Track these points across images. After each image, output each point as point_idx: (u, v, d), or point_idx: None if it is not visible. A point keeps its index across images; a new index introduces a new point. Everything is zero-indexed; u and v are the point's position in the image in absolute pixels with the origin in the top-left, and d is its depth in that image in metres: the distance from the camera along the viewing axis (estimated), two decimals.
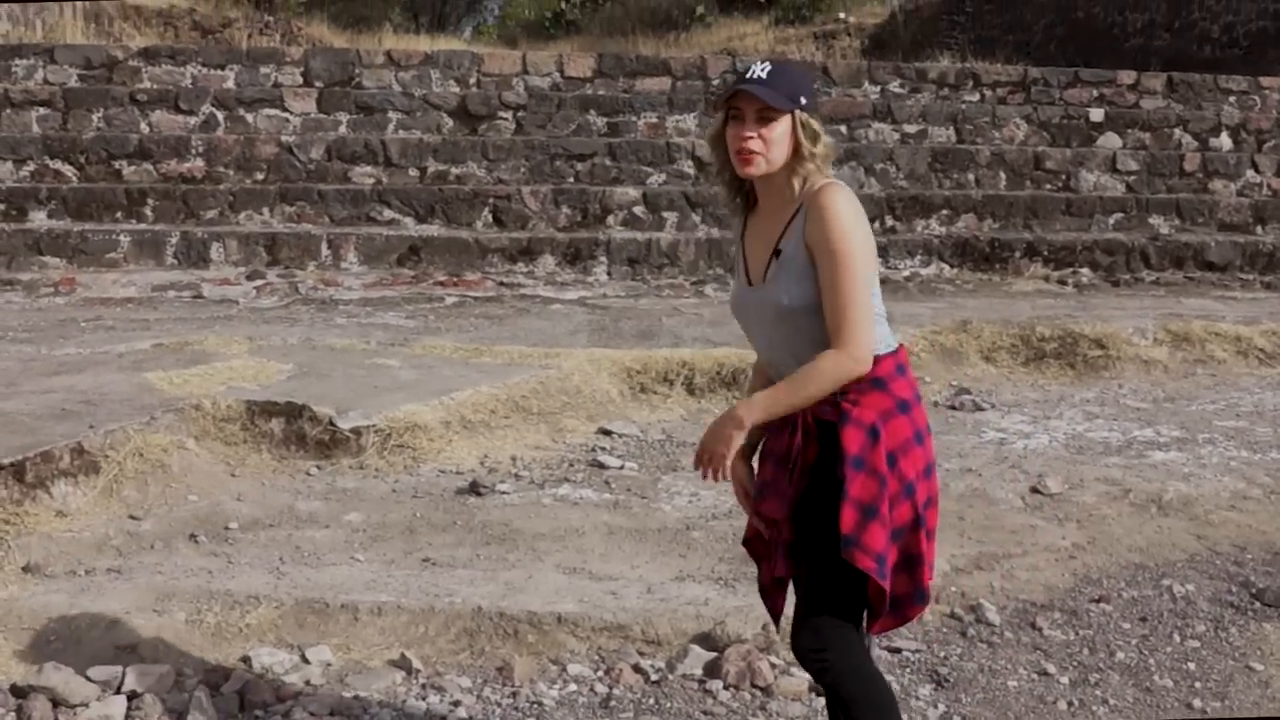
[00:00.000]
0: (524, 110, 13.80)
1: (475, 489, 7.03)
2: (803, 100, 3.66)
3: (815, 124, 3.69)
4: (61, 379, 8.28)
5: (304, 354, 9.00)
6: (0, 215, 12.33)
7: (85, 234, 11.97)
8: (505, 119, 13.73)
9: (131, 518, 6.52)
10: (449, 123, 13.62)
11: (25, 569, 6.09)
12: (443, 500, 6.94)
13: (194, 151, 12.97)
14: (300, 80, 13.80)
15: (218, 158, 12.96)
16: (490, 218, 12.76)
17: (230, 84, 13.76)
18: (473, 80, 14.04)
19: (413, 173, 13.09)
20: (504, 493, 7.01)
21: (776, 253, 3.68)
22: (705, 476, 3.70)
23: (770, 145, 3.63)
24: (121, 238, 12.00)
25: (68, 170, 12.80)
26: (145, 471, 6.91)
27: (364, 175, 13.05)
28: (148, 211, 12.49)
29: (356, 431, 7.47)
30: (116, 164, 12.84)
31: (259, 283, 11.64)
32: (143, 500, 6.71)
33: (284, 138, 13.18)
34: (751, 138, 3.62)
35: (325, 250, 12.11)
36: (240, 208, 12.58)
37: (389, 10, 42.22)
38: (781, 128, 3.65)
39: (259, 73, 13.88)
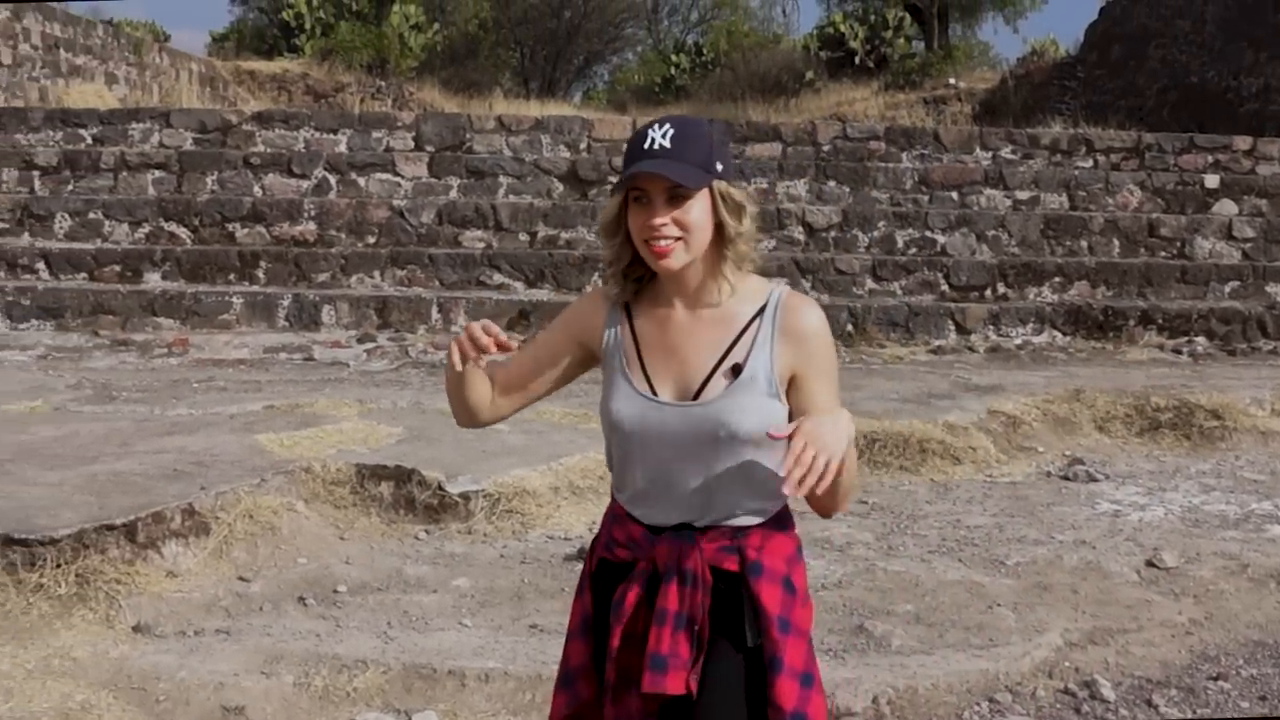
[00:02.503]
0: None
1: (582, 555, 7.03)
2: (719, 167, 3.00)
3: (738, 195, 3.02)
4: (174, 439, 8.39)
5: (414, 418, 9.06)
6: (116, 276, 12.58)
7: (199, 295, 12.19)
8: (613, 184, 13.80)
9: (241, 579, 6.58)
10: (559, 187, 13.74)
11: (136, 628, 6.16)
12: (550, 566, 6.94)
13: (306, 215, 13.17)
14: (412, 145, 13.98)
15: (330, 221, 13.14)
16: (599, 283, 12.78)
17: (343, 148, 13.97)
18: (583, 145, 14.16)
19: (523, 237, 13.20)
20: None
21: (735, 369, 3.02)
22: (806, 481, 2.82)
23: (690, 230, 2.96)
24: (234, 299, 12.20)
25: (182, 232, 13.05)
26: (255, 533, 6.98)
27: (474, 239, 13.18)
28: (260, 274, 12.70)
29: (465, 496, 7.50)
30: (230, 226, 13.08)
31: (369, 345, 11.75)
32: (252, 562, 6.77)
33: (395, 201, 13.35)
34: (664, 224, 2.95)
35: (435, 314, 12.23)
36: (352, 271, 12.74)
37: (499, 75, 42.82)
38: (699, 207, 2.97)
39: (371, 137, 14.09)
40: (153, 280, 12.56)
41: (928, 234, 14.29)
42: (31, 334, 12.14)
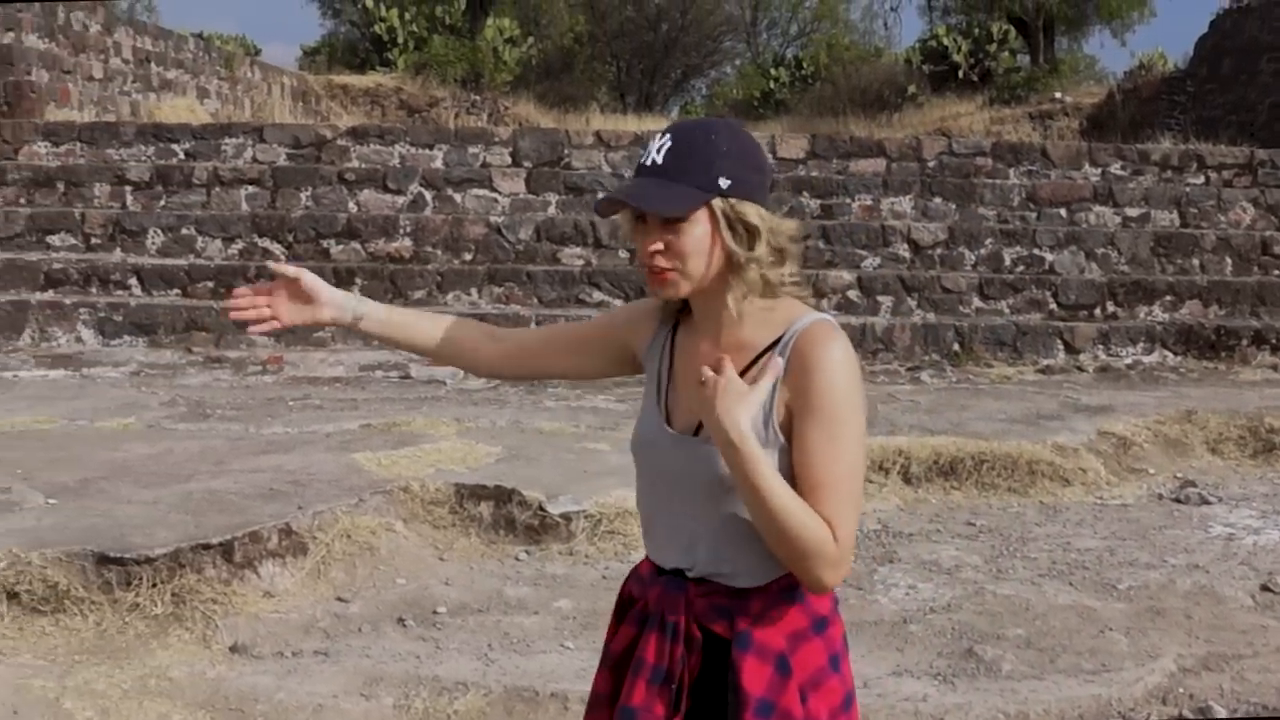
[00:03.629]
0: None
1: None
2: (723, 183, 2.66)
3: (751, 213, 2.68)
4: (270, 458, 8.49)
5: (513, 437, 9.12)
6: (209, 293, 12.75)
7: None
8: None
9: (339, 600, 6.64)
10: None
11: (233, 649, 6.23)
12: None
13: (402, 231, 13.29)
14: (509, 160, 14.08)
15: (425, 237, 13.25)
16: None
17: (438, 164, 14.09)
18: None
19: (622, 254, 13.23)
20: None
21: None
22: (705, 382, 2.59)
23: (685, 258, 2.68)
24: None
25: (276, 248, 13.20)
26: (353, 553, 7.04)
27: (573, 256, 13.24)
28: (355, 291, 12.80)
29: (566, 517, 7.52)
30: (324, 243, 13.23)
31: None
32: (350, 582, 6.83)
33: (492, 218, 13.44)
34: (657, 250, 2.69)
35: None
36: (448, 288, 12.83)
37: (595, 90, 43.00)
38: (698, 231, 2.67)
39: (467, 152, 14.20)
40: None
41: (1035, 252, 14.19)
42: (124, 350, 12.33)
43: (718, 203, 2.65)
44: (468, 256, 13.23)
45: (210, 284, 12.83)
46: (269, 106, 23.58)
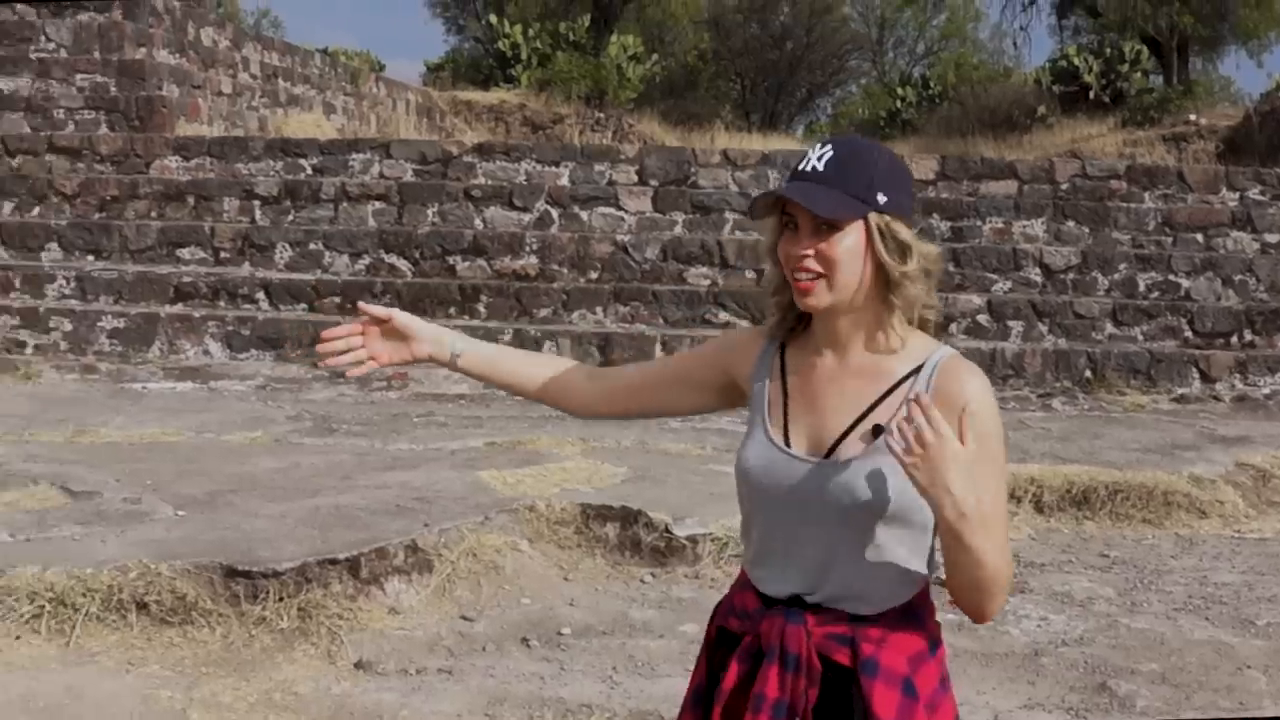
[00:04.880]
0: None
1: None
2: (880, 199, 2.69)
3: (904, 231, 2.71)
4: (395, 474, 8.57)
5: (638, 457, 9.14)
6: (336, 308, 12.92)
7: None
8: None
9: (464, 618, 6.68)
10: None
11: (357, 665, 6.28)
12: None
13: (528, 248, 13.38)
14: (635, 178, 14.14)
15: (552, 255, 13.33)
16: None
17: (564, 181, 14.18)
18: None
19: (749, 275, 13.23)
20: None
21: (875, 430, 2.73)
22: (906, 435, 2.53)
23: (835, 266, 2.69)
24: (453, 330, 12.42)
25: (402, 264, 13.35)
26: (478, 572, 7.08)
27: (699, 276, 13.26)
28: (481, 308, 12.94)
29: (693, 539, 7.52)
30: (450, 259, 13.34)
31: None
32: (475, 601, 6.87)
33: (619, 236, 13.49)
34: (807, 257, 2.70)
35: (659, 351, 12.33)
36: (574, 306, 12.90)
37: (719, 108, 43.02)
38: (850, 241, 2.68)
39: (593, 170, 14.28)
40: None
41: (1171, 278, 13.99)
42: (251, 364, 12.52)
43: (874, 217, 2.67)
44: (594, 275, 13.29)
45: (337, 299, 13.00)
46: (394, 122, 23.85)
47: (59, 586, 6.56)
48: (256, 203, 13.94)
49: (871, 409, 2.73)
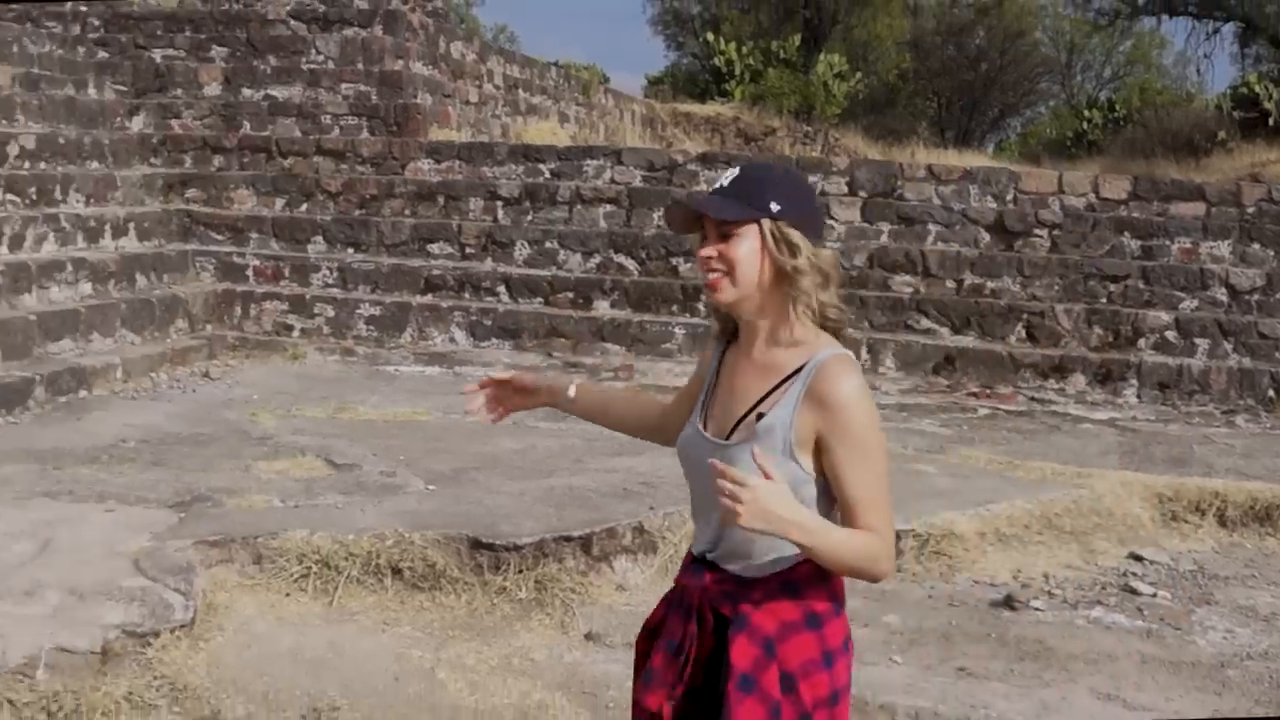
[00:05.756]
0: (1059, 229, 13.55)
1: (1009, 603, 6.90)
2: (773, 207, 2.93)
3: (795, 235, 2.93)
4: (622, 460, 8.63)
5: None
6: (568, 302, 13.06)
7: (644, 324, 12.55)
8: (1040, 236, 13.52)
9: None
10: (985, 237, 13.54)
11: (588, 636, 6.36)
12: (977, 611, 6.85)
13: None
14: (845, 190, 14.01)
15: None
16: (1023, 333, 12.59)
17: None
18: (1009, 197, 13.91)
19: (950, 284, 13.06)
20: (1037, 609, 6.86)
21: (758, 417, 2.98)
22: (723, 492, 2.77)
23: (735, 265, 2.95)
24: (676, 330, 12.51)
25: (630, 264, 13.42)
26: None
27: (903, 284, 13.12)
28: (700, 307, 12.96)
29: (896, 535, 7.44)
30: (674, 260, 13.37)
31: None
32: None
33: (829, 244, 13.37)
34: (710, 257, 2.99)
35: (865, 354, 12.26)
36: None
37: (916, 124, 42.55)
38: (747, 243, 2.95)
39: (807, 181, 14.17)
40: (602, 308, 12.98)
41: None
42: (491, 352, 12.72)
43: (767, 223, 2.95)
44: None
45: (570, 294, 13.13)
46: (620, 131, 23.99)
47: (324, 550, 6.74)
48: (499, 203, 14.11)
49: (763, 399, 2.99)
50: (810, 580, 2.99)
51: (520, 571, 6.82)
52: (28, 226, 12.27)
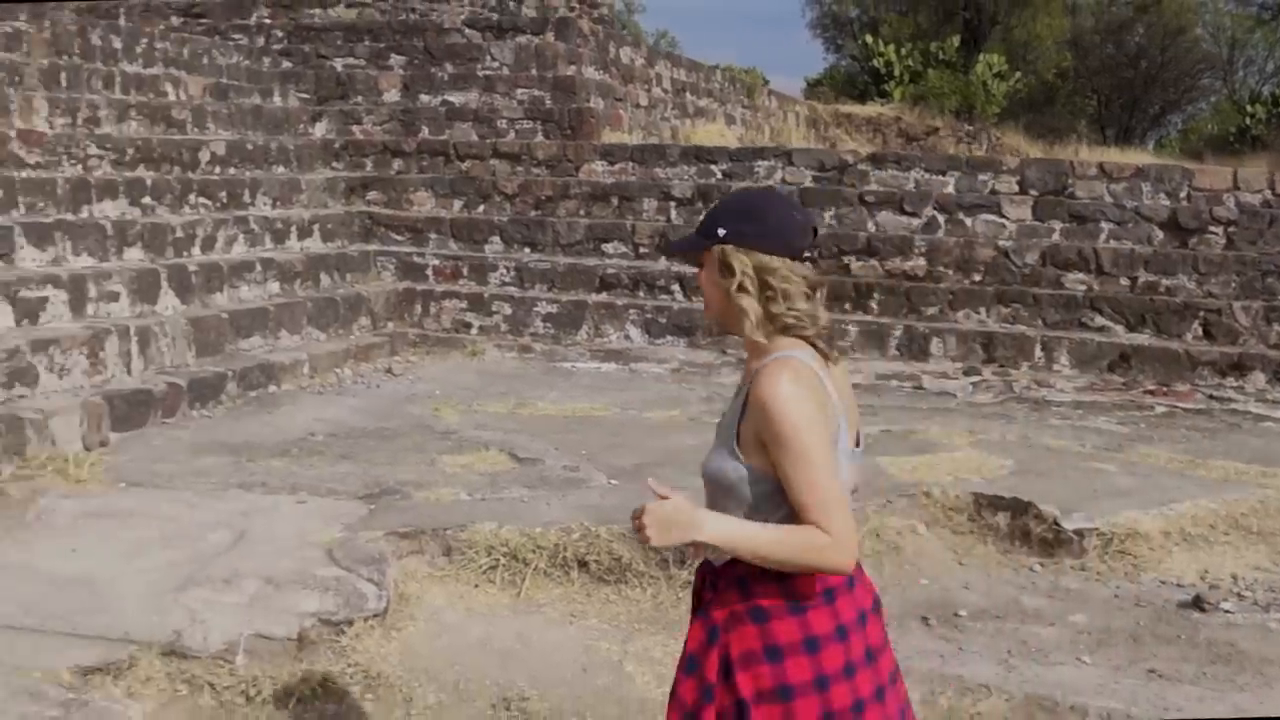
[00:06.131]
0: (1234, 226, 13.07)
1: (1198, 604, 6.63)
2: (720, 232, 3.04)
3: (734, 258, 3.03)
4: None
5: (1022, 451, 8.83)
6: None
7: None
8: (1215, 233, 13.05)
9: None
10: (1159, 234, 13.11)
11: None
12: (1164, 612, 6.58)
13: (916, 251, 13.11)
14: (1016, 188, 13.67)
15: (938, 258, 13.03)
16: (1200, 330, 12.16)
17: (950, 189, 13.81)
18: (1183, 194, 13.45)
19: (1123, 282, 12.67)
20: (1227, 611, 6.57)
21: (720, 422, 3.20)
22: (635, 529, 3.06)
23: (704, 293, 3.16)
24: (850, 328, 12.30)
25: None
26: (881, 551, 6.96)
27: (1075, 281, 12.75)
28: (873, 304, 12.76)
29: (1079, 533, 7.21)
30: (846, 259, 13.16)
31: (975, 379, 11.57)
32: (878, 578, 6.69)
33: (1000, 242, 13.09)
34: (700, 287, 3.19)
35: (1039, 352, 11.96)
36: (958, 306, 12.60)
37: (1075, 122, 41.70)
38: (705, 272, 3.12)
39: (977, 179, 13.86)
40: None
41: None
42: (666, 349, 12.63)
43: (716, 249, 3.06)
44: (977, 277, 12.92)
45: None
46: (785, 132, 23.77)
47: (512, 543, 6.72)
48: (672, 203, 14.01)
49: (734, 406, 3.10)
50: (759, 577, 3.03)
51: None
52: (219, 229, 12.48)
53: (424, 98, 15.86)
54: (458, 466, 8.24)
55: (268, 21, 17.40)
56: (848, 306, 12.69)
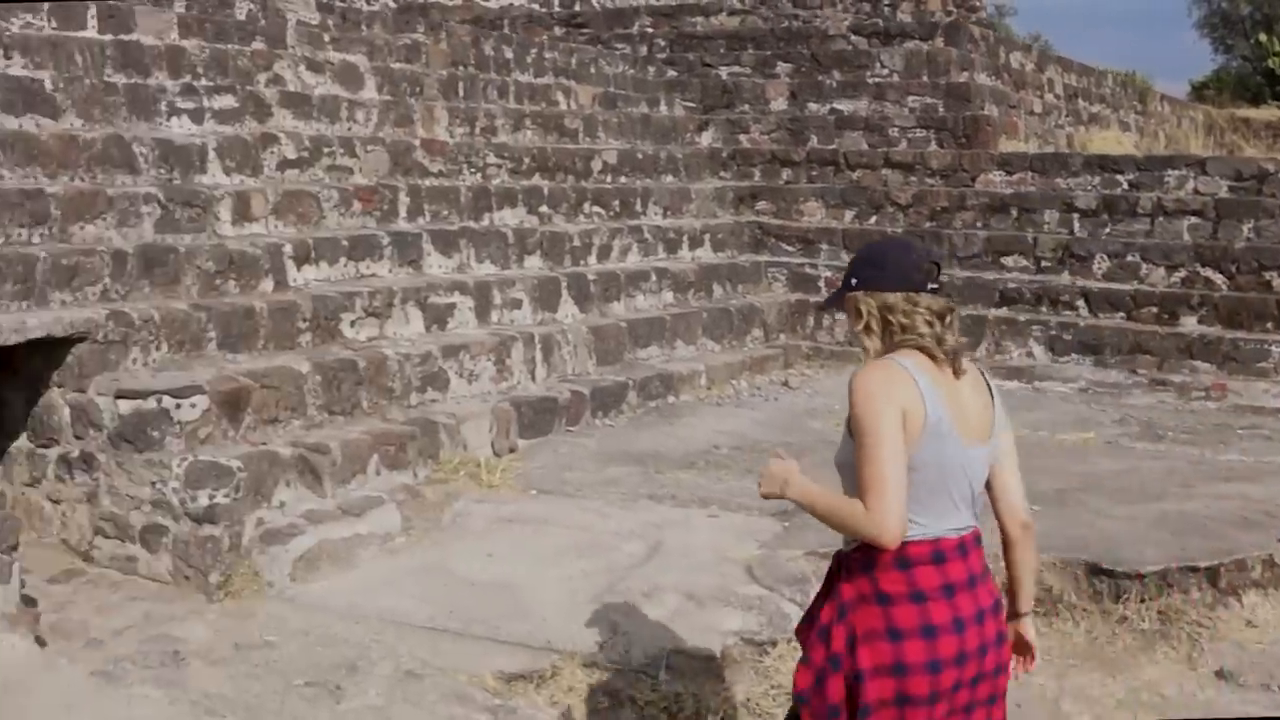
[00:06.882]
0: None
1: None
2: (853, 281, 3.65)
3: (862, 303, 3.63)
4: (1233, 485, 8.06)
5: None
6: (1152, 318, 12.33)
7: (1235, 341, 11.65)
8: None
9: None
10: None
11: (1218, 674, 5.96)
12: None
13: None
14: None
15: None
16: None
17: None
18: None
19: None
20: None
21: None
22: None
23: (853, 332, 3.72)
24: (1272, 348, 11.53)
25: (1217, 278, 12.50)
26: None
27: None
28: None
29: None
30: (1266, 275, 12.35)
31: None
32: None
33: None
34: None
35: None
36: None
37: None
38: (849, 318, 3.71)
39: None
40: (1188, 324, 12.13)
41: None
42: (1071, 368, 12.16)
43: (848, 296, 3.67)
44: None
45: (1154, 309, 12.35)
46: (1181, 139, 22.75)
47: None
48: (1075, 215, 13.48)
49: None
50: (887, 565, 3.49)
51: (1143, 601, 6.46)
52: (614, 238, 12.69)
53: (812, 106, 15.77)
54: None
55: (650, 31, 17.64)
56: (1270, 325, 11.89)
